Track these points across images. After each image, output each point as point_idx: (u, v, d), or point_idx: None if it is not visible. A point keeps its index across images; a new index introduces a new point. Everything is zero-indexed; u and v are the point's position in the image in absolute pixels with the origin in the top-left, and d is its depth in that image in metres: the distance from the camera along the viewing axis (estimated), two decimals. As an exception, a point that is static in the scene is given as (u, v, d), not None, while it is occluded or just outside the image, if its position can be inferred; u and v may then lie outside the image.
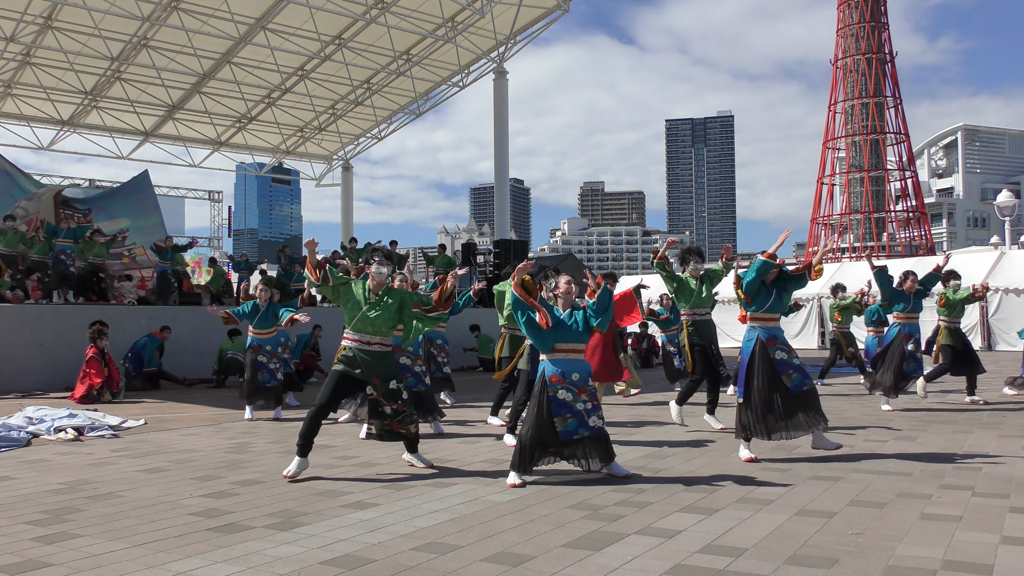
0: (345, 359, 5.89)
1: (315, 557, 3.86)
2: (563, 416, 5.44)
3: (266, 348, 9.52)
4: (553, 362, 5.57)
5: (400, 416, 5.91)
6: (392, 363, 6.03)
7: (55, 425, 8.12)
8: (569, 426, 5.44)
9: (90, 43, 19.86)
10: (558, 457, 5.54)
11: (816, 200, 71.18)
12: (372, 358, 5.87)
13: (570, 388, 5.49)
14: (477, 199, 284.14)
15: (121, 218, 21.35)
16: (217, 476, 5.94)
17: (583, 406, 5.48)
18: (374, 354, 5.89)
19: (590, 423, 5.47)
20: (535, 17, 21.31)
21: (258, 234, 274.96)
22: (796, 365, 6.22)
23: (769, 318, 6.36)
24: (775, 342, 6.26)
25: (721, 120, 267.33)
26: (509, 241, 20.54)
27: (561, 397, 5.47)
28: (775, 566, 3.63)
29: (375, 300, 5.94)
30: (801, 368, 6.25)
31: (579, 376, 5.54)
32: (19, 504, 5.09)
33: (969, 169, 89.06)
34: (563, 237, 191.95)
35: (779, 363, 6.19)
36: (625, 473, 5.66)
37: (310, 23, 19.48)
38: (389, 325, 5.95)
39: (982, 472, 5.65)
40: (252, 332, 9.57)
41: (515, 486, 5.35)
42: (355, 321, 5.90)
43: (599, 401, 5.64)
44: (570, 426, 5.44)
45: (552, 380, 5.50)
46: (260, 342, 9.54)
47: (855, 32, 69.00)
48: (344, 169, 29.03)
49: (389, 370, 5.94)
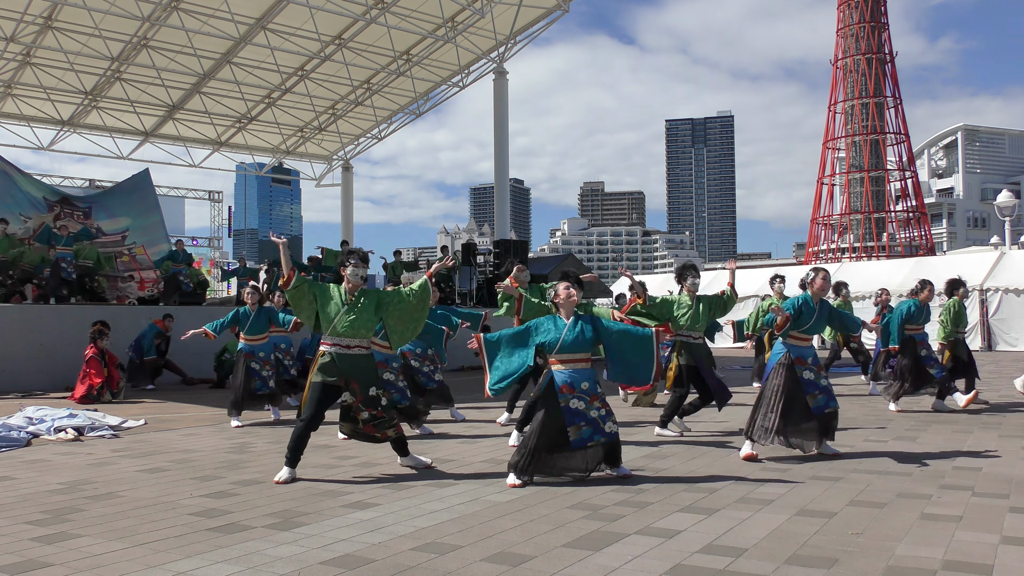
0: (323, 366, 5.73)
1: (315, 557, 3.86)
2: (577, 425, 5.43)
3: (259, 355, 9.16)
4: (560, 372, 5.56)
5: (377, 421, 5.81)
6: (372, 368, 5.91)
7: (55, 425, 8.12)
8: (583, 434, 5.43)
9: (90, 43, 19.85)
10: (563, 471, 5.52)
11: (816, 200, 71.23)
12: (351, 362, 5.75)
13: (581, 397, 5.48)
14: (477, 199, 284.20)
15: (122, 217, 21.32)
16: (217, 476, 5.94)
17: (597, 413, 5.48)
18: (353, 357, 5.77)
19: (606, 429, 5.48)
20: (535, 17, 21.30)
21: (258, 234, 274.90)
22: (823, 387, 6.30)
23: (803, 338, 6.43)
24: (804, 362, 6.33)
25: (721, 120, 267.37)
26: (509, 241, 20.52)
27: (574, 407, 5.45)
28: (775, 566, 3.63)
29: (351, 302, 5.82)
30: (828, 390, 6.33)
31: (588, 384, 5.53)
32: (19, 504, 5.09)
33: (969, 169, 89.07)
34: (563, 237, 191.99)
35: (806, 383, 6.27)
36: (627, 472, 5.66)
37: (310, 23, 19.47)
38: (367, 327, 5.83)
39: (982, 472, 5.65)
40: (243, 338, 9.22)
41: (515, 486, 5.35)
42: (332, 325, 5.77)
43: (610, 406, 5.62)
44: (584, 434, 5.44)
45: (563, 391, 5.48)
46: (252, 348, 9.17)
47: (855, 32, 69.04)
48: (344, 169, 29.03)
49: (369, 375, 5.81)
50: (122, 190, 22.35)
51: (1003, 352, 19.92)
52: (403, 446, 6.06)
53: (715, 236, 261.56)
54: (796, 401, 6.20)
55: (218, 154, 28.19)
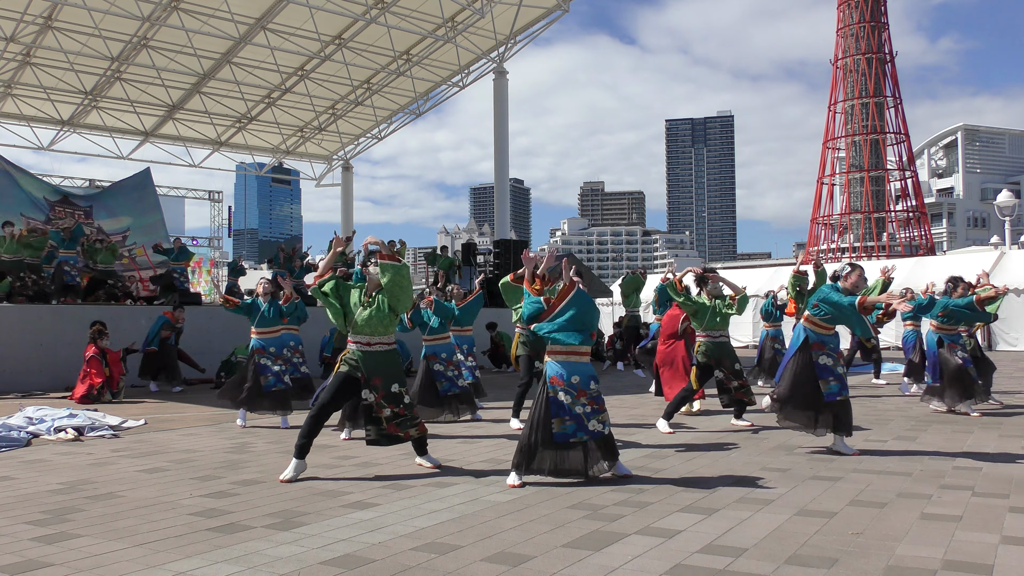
0: (347, 359, 5.94)
1: (315, 557, 3.86)
2: (561, 418, 5.42)
3: (269, 350, 8.81)
4: (554, 363, 5.57)
5: (399, 420, 5.89)
6: (396, 365, 6.03)
7: (55, 425, 8.12)
8: (567, 428, 5.41)
9: (90, 43, 19.85)
10: (560, 472, 5.45)
11: (816, 200, 71.22)
12: (374, 358, 5.91)
13: (569, 391, 5.47)
14: (477, 199, 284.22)
15: (122, 216, 21.34)
16: (217, 476, 5.94)
17: (582, 409, 5.47)
18: (376, 354, 5.93)
19: (590, 427, 5.45)
20: (535, 17, 21.30)
21: (258, 234, 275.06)
22: (838, 374, 6.42)
23: (825, 327, 6.53)
24: (823, 347, 6.48)
25: (721, 120, 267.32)
26: (509, 241, 20.52)
27: (560, 399, 5.46)
28: (775, 566, 3.63)
29: (367, 302, 5.99)
30: (841, 378, 6.43)
31: (579, 379, 5.51)
32: (19, 504, 5.09)
33: (969, 169, 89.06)
34: (563, 237, 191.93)
35: (820, 368, 6.41)
36: (627, 472, 5.66)
37: (310, 23, 19.47)
38: (385, 323, 5.95)
39: (982, 472, 5.65)
40: (254, 333, 8.85)
41: (514, 487, 5.34)
42: (354, 323, 5.97)
43: (602, 405, 5.59)
44: (568, 428, 5.41)
45: (552, 381, 5.50)
46: (263, 343, 8.77)
47: (855, 32, 69.02)
48: (344, 169, 29.03)
49: (392, 372, 5.94)
50: (123, 189, 22.36)
51: (1003, 352, 19.92)
52: (423, 445, 6.14)
53: (715, 236, 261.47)
54: (806, 385, 6.37)
55: (218, 154, 28.18)
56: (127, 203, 21.67)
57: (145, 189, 22.40)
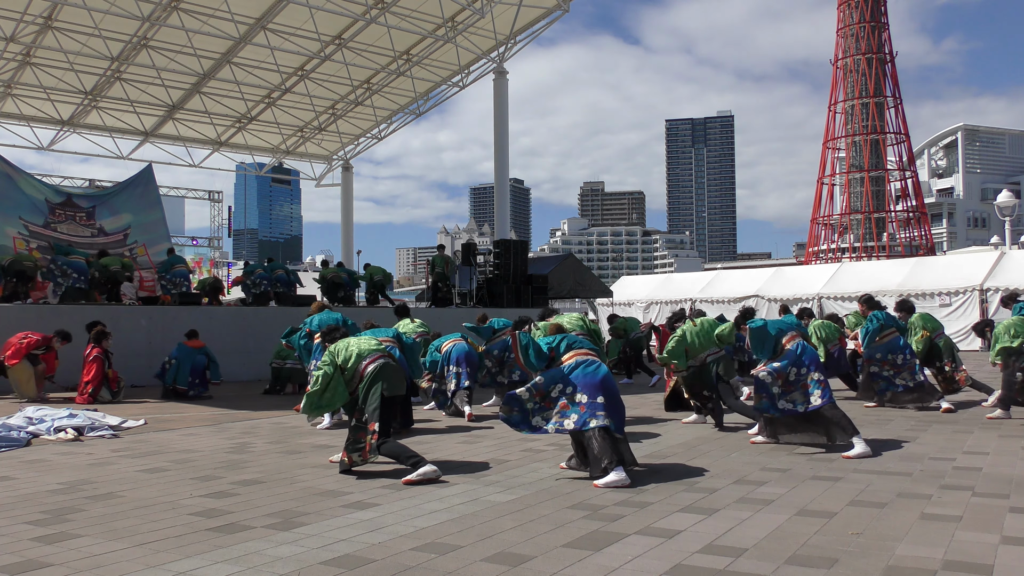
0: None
1: (315, 557, 3.86)
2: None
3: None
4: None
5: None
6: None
7: (55, 425, 8.12)
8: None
9: (90, 43, 19.86)
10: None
11: (816, 200, 71.21)
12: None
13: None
14: (477, 199, 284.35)
15: (124, 214, 21.28)
16: (217, 476, 5.94)
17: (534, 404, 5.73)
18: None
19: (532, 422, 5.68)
20: (535, 17, 21.31)
21: (258, 234, 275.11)
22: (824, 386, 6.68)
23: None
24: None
25: (721, 120, 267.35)
26: (509, 241, 20.49)
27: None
28: (775, 566, 3.63)
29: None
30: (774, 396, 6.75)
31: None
32: (19, 504, 5.09)
33: (969, 169, 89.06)
34: (563, 237, 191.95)
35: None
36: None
37: (310, 23, 19.47)
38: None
39: (982, 472, 5.65)
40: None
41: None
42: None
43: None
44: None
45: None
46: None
47: (855, 32, 69.02)
48: (344, 169, 29.03)
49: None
50: (125, 188, 22.31)
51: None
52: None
53: (715, 236, 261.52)
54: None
55: (218, 154, 28.20)
56: (129, 201, 21.61)
57: (147, 186, 22.34)
